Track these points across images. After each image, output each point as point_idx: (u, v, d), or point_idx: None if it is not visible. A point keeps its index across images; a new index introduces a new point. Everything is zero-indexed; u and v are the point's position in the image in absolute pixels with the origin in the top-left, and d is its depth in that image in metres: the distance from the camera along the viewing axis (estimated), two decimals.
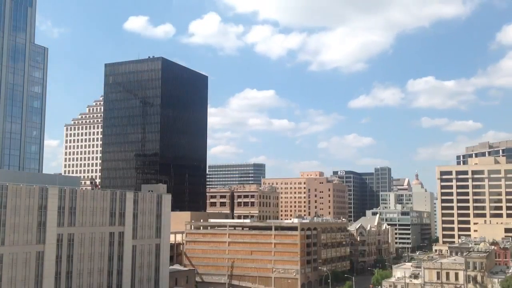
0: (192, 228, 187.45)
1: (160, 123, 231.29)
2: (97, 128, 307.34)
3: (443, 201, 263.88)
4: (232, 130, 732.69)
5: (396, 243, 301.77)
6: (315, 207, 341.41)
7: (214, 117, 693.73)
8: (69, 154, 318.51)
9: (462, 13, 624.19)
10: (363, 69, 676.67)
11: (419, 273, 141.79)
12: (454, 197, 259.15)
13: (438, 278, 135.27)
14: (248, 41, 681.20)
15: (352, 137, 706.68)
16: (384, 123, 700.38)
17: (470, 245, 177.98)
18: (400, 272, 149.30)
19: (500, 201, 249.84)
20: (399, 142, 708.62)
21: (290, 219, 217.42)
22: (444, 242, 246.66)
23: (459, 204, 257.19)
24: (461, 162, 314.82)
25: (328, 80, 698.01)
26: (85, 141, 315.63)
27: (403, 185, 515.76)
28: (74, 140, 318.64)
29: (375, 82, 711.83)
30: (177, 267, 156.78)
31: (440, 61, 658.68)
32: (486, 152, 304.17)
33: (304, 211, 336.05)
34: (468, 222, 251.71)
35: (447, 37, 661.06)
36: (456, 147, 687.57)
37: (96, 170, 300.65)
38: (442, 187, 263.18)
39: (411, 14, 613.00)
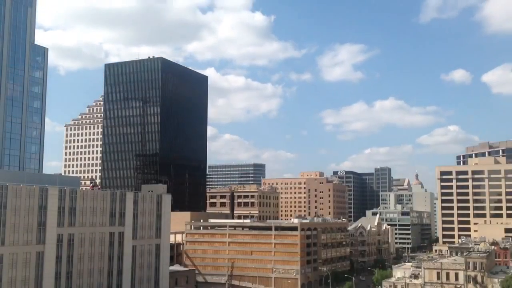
0: (192, 228, 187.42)
1: (160, 123, 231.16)
2: (97, 128, 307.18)
3: (443, 201, 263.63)
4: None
5: (396, 243, 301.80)
6: (315, 207, 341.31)
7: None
8: (69, 154, 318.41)
9: None
10: None
11: (419, 273, 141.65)
12: (454, 197, 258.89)
13: (438, 278, 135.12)
14: None
15: None
16: None
17: (470, 245, 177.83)
18: (400, 272, 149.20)
19: (500, 201, 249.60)
20: None
21: (290, 219, 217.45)
22: (444, 242, 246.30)
23: (459, 204, 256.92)
24: (461, 162, 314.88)
25: None
26: (85, 141, 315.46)
27: (403, 185, 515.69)
28: (74, 140, 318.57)
29: None
30: (177, 267, 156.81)
31: None
32: (486, 152, 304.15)
33: (304, 211, 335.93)
34: (468, 222, 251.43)
35: None
36: None
37: (96, 170, 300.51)
38: (442, 187, 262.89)
39: None
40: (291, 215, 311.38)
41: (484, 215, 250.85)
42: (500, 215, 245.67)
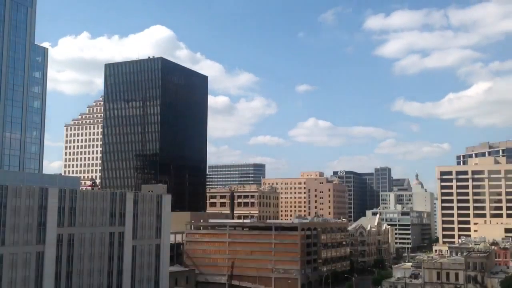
0: (192, 228, 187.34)
1: (160, 123, 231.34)
2: (97, 128, 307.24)
3: (443, 201, 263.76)
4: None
5: (396, 243, 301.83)
6: (315, 207, 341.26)
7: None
8: (69, 154, 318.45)
9: None
10: None
11: (419, 273, 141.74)
12: (454, 197, 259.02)
13: (438, 278, 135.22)
14: None
15: None
16: None
17: (470, 245, 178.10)
18: (400, 272, 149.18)
19: (500, 201, 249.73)
20: None
21: (290, 219, 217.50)
22: (444, 242, 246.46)
23: (459, 204, 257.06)
24: (461, 162, 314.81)
25: None
26: (85, 141, 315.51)
27: (403, 185, 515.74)
28: (74, 140, 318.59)
29: None
30: (177, 267, 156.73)
31: None
32: (486, 152, 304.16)
33: (304, 211, 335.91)
34: (468, 222, 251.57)
35: None
36: None
37: (96, 170, 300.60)
38: (442, 187, 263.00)
39: None
40: (291, 215, 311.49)
41: (484, 215, 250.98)
42: (500, 215, 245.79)
